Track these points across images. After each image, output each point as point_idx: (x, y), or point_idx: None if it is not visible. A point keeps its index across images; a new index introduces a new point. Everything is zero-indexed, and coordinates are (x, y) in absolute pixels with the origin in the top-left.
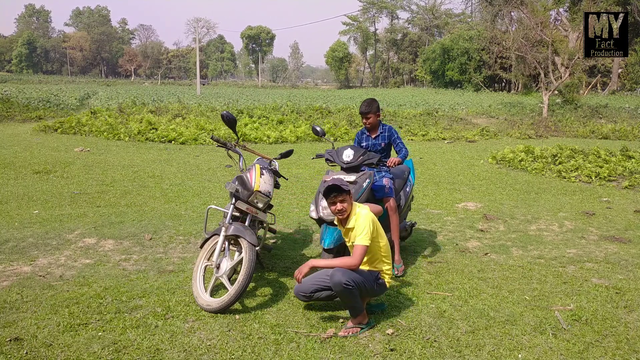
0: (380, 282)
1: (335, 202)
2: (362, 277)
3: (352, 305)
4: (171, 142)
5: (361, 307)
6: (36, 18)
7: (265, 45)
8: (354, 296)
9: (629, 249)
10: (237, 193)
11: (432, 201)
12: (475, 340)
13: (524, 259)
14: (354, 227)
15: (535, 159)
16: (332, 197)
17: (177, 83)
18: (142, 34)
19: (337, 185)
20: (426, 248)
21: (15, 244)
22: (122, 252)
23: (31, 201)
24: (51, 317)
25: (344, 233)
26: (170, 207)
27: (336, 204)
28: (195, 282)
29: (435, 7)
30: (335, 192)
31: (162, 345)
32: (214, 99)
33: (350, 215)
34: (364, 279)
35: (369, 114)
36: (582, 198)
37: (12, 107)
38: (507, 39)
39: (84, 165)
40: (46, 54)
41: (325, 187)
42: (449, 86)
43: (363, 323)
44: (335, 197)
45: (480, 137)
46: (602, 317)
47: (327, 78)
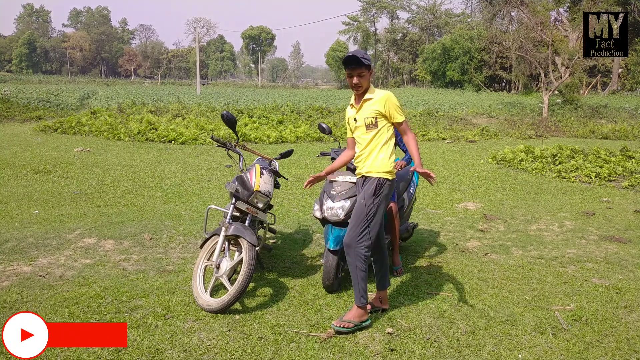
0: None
1: (352, 74)
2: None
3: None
4: (171, 142)
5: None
6: (35, 18)
7: (265, 45)
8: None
9: (629, 249)
10: (237, 193)
11: (432, 201)
12: (475, 341)
13: (524, 259)
14: (372, 98)
15: (535, 159)
16: (350, 69)
17: (177, 83)
18: (142, 34)
19: (357, 57)
20: (426, 248)
21: (15, 244)
22: (122, 252)
23: (31, 201)
24: (51, 317)
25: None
26: (170, 207)
27: (353, 77)
28: (195, 282)
29: (435, 7)
30: (354, 64)
31: (162, 345)
32: (213, 99)
33: (367, 91)
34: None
35: None
36: (582, 198)
37: (12, 107)
38: (507, 39)
39: (84, 165)
40: (46, 54)
41: (346, 56)
42: (449, 86)
43: (363, 319)
44: (354, 69)
45: (481, 137)
46: (602, 317)
47: (327, 78)
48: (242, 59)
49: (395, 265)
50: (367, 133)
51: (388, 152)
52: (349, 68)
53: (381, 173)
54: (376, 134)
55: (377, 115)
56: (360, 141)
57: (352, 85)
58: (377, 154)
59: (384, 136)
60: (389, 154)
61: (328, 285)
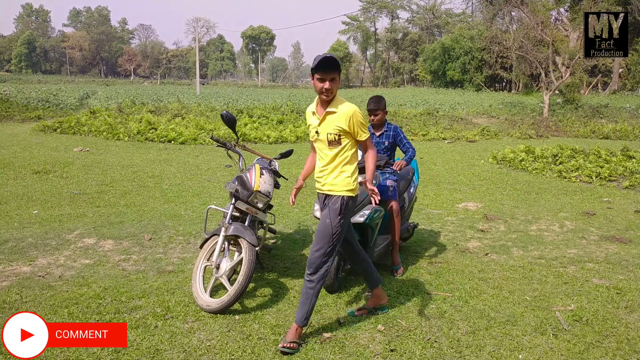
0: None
1: (325, 79)
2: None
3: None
4: (171, 142)
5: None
6: (35, 18)
7: (265, 45)
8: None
9: (629, 249)
10: (237, 193)
11: (432, 201)
12: (475, 341)
13: (525, 259)
14: (336, 112)
15: (536, 159)
16: (323, 72)
17: (177, 83)
18: (141, 33)
19: (335, 59)
20: (426, 248)
21: (15, 244)
22: (121, 252)
23: (30, 201)
24: (51, 317)
25: (322, 119)
26: (170, 207)
27: (325, 82)
28: (194, 282)
29: (435, 7)
30: (329, 67)
31: (161, 345)
32: (213, 99)
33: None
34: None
35: (378, 110)
36: (583, 198)
37: (11, 107)
38: (508, 39)
39: (84, 165)
40: (45, 54)
41: (323, 57)
42: (450, 86)
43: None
44: (327, 72)
45: (481, 137)
46: (603, 317)
47: None
48: (242, 59)
49: (395, 265)
50: (329, 149)
51: (351, 169)
52: (321, 71)
53: (344, 192)
54: (339, 152)
55: (340, 132)
56: (322, 155)
57: (322, 90)
58: (339, 171)
59: (348, 153)
60: (352, 171)
61: (328, 285)
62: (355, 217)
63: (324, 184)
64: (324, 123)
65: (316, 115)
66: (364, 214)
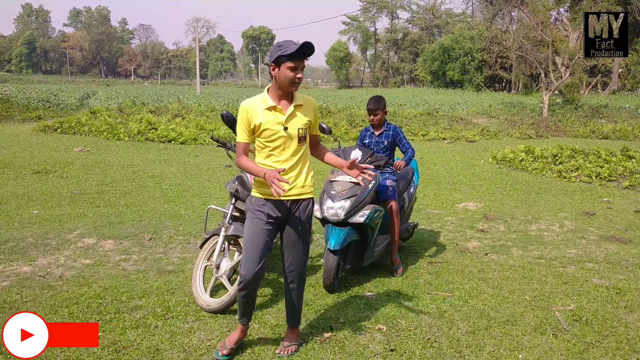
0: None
1: (299, 67)
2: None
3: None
4: (171, 142)
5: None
6: (35, 18)
7: (265, 45)
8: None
9: (629, 249)
10: (237, 193)
11: (432, 201)
12: (475, 341)
13: (525, 259)
14: (303, 105)
15: (536, 159)
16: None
17: (177, 83)
18: (142, 33)
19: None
20: (426, 248)
21: (15, 244)
22: (121, 252)
23: (31, 201)
24: (51, 317)
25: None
26: (170, 207)
27: (299, 71)
28: (194, 282)
29: (435, 7)
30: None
31: (161, 345)
32: (213, 99)
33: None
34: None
35: (377, 110)
36: (583, 198)
37: (11, 107)
38: (508, 39)
39: (84, 165)
40: (46, 54)
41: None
42: (449, 86)
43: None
44: (302, 61)
45: (481, 137)
46: (603, 317)
47: (327, 78)
48: (242, 59)
49: (394, 265)
50: (298, 147)
51: (308, 167)
52: (298, 59)
53: (310, 193)
54: (305, 149)
55: (307, 127)
56: (285, 154)
57: (294, 79)
58: (307, 170)
59: (307, 150)
60: (309, 169)
61: (329, 285)
62: (355, 217)
63: (292, 187)
64: (293, 119)
65: (278, 110)
66: (364, 214)
